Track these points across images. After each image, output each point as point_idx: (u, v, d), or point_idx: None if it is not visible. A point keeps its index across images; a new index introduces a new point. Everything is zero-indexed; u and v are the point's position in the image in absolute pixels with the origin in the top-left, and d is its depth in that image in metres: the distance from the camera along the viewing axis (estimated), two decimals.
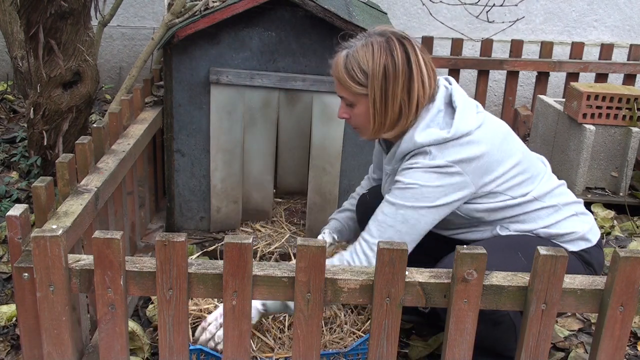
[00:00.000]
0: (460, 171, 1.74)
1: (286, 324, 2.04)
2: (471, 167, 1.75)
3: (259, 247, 2.59)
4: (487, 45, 4.04)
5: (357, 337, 2.02)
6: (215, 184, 2.68)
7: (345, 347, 1.96)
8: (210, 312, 2.02)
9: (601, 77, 4.09)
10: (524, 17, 4.40)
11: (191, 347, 1.75)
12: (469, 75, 4.49)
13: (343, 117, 1.90)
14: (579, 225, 1.86)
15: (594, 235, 1.88)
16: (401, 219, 1.75)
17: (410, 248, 1.69)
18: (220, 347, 1.75)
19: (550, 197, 1.86)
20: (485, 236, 1.88)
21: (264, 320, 2.03)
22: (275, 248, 2.61)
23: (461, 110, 1.78)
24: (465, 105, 1.80)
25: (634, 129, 3.17)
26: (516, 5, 4.02)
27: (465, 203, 1.81)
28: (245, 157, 2.66)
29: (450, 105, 1.82)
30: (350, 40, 1.83)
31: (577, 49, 4.09)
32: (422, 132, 1.77)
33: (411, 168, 1.76)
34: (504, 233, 1.86)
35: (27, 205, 1.55)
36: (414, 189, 1.74)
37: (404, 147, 1.80)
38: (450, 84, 1.88)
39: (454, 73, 4.03)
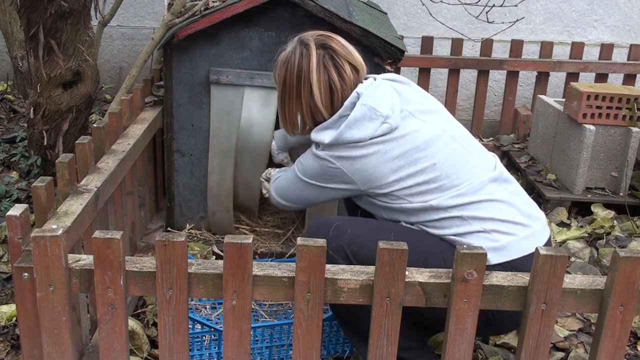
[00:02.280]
0: (339, 167, 1.85)
1: None
2: (354, 167, 1.83)
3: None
4: (487, 45, 4.04)
5: None
6: (212, 186, 2.67)
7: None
8: None
9: (601, 77, 4.09)
10: (524, 17, 4.40)
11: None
12: (469, 75, 4.49)
13: None
14: (478, 241, 1.77)
15: (498, 256, 1.76)
16: (293, 179, 2.01)
17: (295, 205, 2.09)
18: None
19: (459, 210, 1.80)
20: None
21: None
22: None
23: (352, 121, 1.83)
24: (362, 116, 1.83)
25: (634, 129, 3.17)
26: (516, 5, 4.02)
27: (367, 195, 1.90)
28: (243, 160, 2.64)
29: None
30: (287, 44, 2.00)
31: (577, 49, 4.08)
32: (318, 131, 1.90)
33: (309, 150, 1.96)
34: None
35: (27, 205, 1.55)
36: (303, 163, 1.97)
37: (310, 139, 1.98)
38: (365, 89, 1.89)
39: (454, 73, 4.03)
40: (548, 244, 1.86)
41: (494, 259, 1.76)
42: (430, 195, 1.81)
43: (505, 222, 1.81)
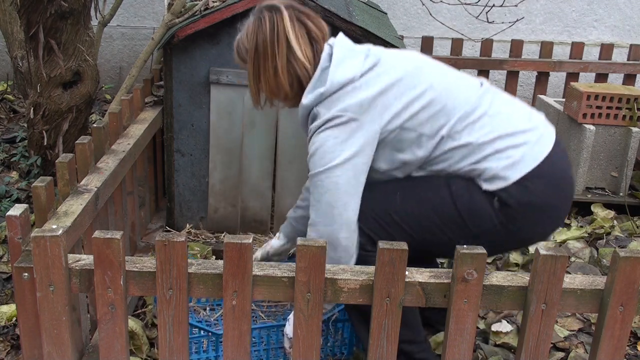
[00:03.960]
0: (353, 116, 1.72)
1: None
2: (363, 109, 1.72)
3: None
4: (487, 45, 4.04)
5: None
6: (213, 183, 2.68)
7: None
8: None
9: (601, 77, 4.09)
10: (523, 17, 4.40)
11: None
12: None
13: None
14: (495, 163, 1.74)
15: (517, 171, 1.73)
16: (322, 190, 1.73)
17: (350, 211, 1.72)
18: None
19: (468, 133, 1.76)
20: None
21: None
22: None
23: (337, 63, 1.77)
24: (343, 56, 1.79)
25: (634, 129, 3.17)
26: (516, 5, 4.02)
27: (380, 157, 1.78)
28: (244, 160, 2.65)
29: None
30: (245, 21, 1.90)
31: (577, 49, 4.09)
32: (308, 94, 1.79)
33: (311, 137, 1.78)
34: (417, 174, 1.83)
35: (27, 205, 1.55)
36: (317, 153, 1.74)
37: (299, 114, 1.84)
38: (335, 39, 1.86)
39: None
40: (557, 141, 1.83)
41: (513, 175, 1.73)
42: (438, 120, 1.75)
43: (512, 134, 1.78)
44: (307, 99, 1.79)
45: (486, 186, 1.75)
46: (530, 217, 1.77)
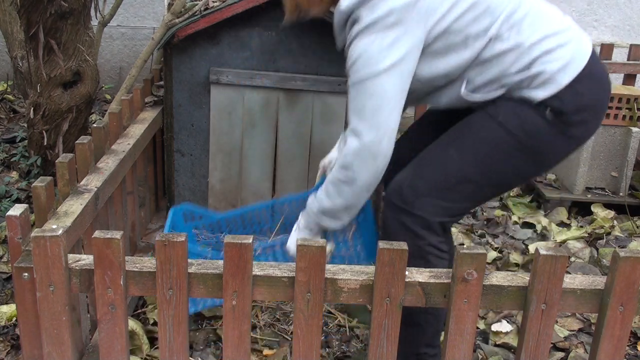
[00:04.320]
0: (398, 19, 1.63)
1: None
2: (408, 11, 1.64)
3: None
4: None
5: None
6: (213, 183, 2.68)
7: None
8: None
9: None
10: None
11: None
12: None
13: None
14: (549, 65, 1.68)
15: (565, 75, 1.69)
16: (367, 95, 1.66)
17: (394, 119, 1.67)
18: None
19: (517, 33, 1.69)
20: (450, 98, 1.81)
21: None
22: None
23: None
24: None
25: (634, 129, 3.17)
26: None
27: (424, 64, 1.72)
28: (244, 160, 2.65)
29: None
30: None
31: None
32: None
33: (352, 42, 1.70)
34: (469, 98, 1.77)
35: (27, 205, 1.55)
36: (361, 58, 1.65)
37: (336, 19, 1.77)
38: None
39: None
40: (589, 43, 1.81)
41: (565, 78, 1.69)
42: (483, 21, 1.68)
43: (556, 33, 1.72)
44: (345, 2, 1.69)
45: (540, 94, 1.69)
46: (584, 120, 1.74)
